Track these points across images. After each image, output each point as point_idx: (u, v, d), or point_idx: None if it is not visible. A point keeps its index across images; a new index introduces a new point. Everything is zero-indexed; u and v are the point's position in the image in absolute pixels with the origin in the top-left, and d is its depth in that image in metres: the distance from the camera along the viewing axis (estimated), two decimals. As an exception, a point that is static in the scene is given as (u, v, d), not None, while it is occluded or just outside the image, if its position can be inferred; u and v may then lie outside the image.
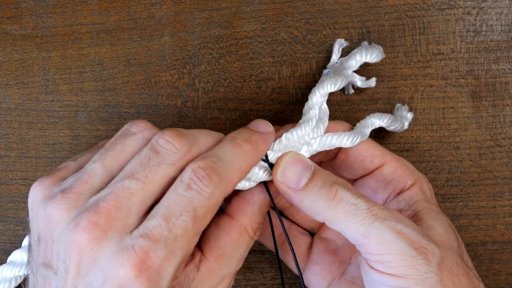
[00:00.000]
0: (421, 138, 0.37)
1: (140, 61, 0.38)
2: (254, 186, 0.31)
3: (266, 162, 0.31)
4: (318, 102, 0.32)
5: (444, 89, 0.37)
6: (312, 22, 0.37)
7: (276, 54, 0.37)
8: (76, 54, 0.38)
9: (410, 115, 0.36)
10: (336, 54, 0.36)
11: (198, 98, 0.38)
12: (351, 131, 0.32)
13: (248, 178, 0.30)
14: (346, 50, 0.36)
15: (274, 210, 0.31)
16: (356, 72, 0.35)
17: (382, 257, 0.28)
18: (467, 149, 0.37)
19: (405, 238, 0.28)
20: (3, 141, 0.38)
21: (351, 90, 0.36)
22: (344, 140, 0.32)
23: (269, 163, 0.31)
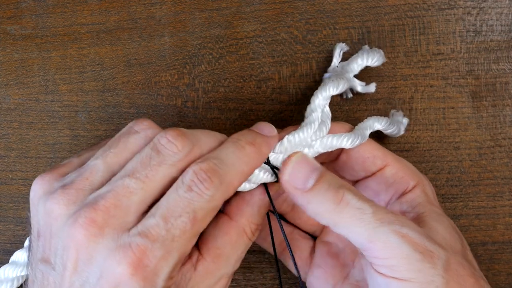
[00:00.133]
0: (421, 138, 0.37)
1: (140, 61, 0.38)
2: (254, 188, 0.31)
3: (267, 164, 0.31)
4: (320, 104, 0.32)
5: (444, 89, 0.37)
6: (312, 22, 0.37)
7: (276, 54, 0.37)
8: (76, 54, 0.38)
9: (405, 121, 0.35)
10: (337, 58, 0.36)
11: (198, 98, 0.38)
12: (351, 133, 0.32)
13: (248, 179, 0.30)
14: (346, 52, 0.36)
15: (274, 212, 0.31)
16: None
17: (388, 261, 0.28)
18: (467, 149, 0.37)
19: (410, 241, 0.28)
20: (3, 141, 0.38)
21: (350, 95, 0.36)
22: (344, 141, 0.32)
23: (270, 165, 0.31)
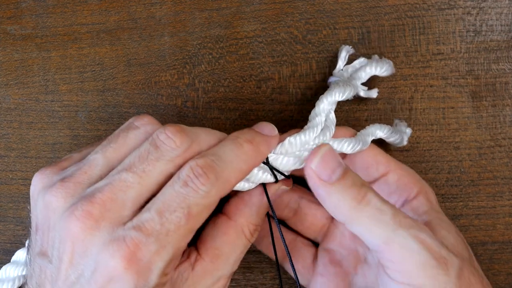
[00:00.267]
0: (421, 138, 0.37)
1: (140, 61, 0.38)
2: (253, 188, 0.31)
3: (266, 164, 0.31)
4: (325, 109, 0.32)
5: (444, 89, 0.37)
6: (312, 22, 0.37)
7: (276, 54, 0.37)
8: (76, 54, 0.38)
9: (409, 131, 0.35)
10: (342, 60, 0.35)
11: (198, 98, 0.38)
12: (353, 138, 0.32)
13: (247, 179, 0.30)
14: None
15: (272, 210, 0.31)
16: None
17: (402, 265, 0.28)
18: (467, 149, 0.37)
19: (427, 247, 0.27)
20: (3, 141, 0.38)
21: (351, 97, 0.36)
22: (345, 146, 0.31)
23: (269, 166, 0.31)
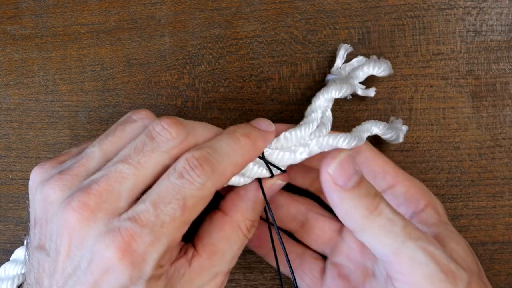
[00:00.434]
0: (421, 138, 0.37)
1: (140, 61, 0.38)
2: (249, 183, 0.31)
3: (262, 159, 0.31)
4: (321, 106, 0.32)
5: (444, 89, 0.37)
6: (312, 22, 0.37)
7: (276, 54, 0.37)
8: (76, 54, 0.38)
9: (405, 128, 0.35)
10: (340, 59, 0.35)
11: (198, 98, 0.38)
12: (348, 133, 0.32)
13: (242, 173, 0.30)
14: (348, 53, 0.36)
15: (267, 206, 0.31)
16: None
17: (410, 277, 0.27)
18: (467, 149, 0.37)
19: (436, 260, 0.27)
20: (3, 141, 0.38)
21: (349, 97, 0.36)
22: (340, 141, 0.31)
23: (265, 160, 0.31)
